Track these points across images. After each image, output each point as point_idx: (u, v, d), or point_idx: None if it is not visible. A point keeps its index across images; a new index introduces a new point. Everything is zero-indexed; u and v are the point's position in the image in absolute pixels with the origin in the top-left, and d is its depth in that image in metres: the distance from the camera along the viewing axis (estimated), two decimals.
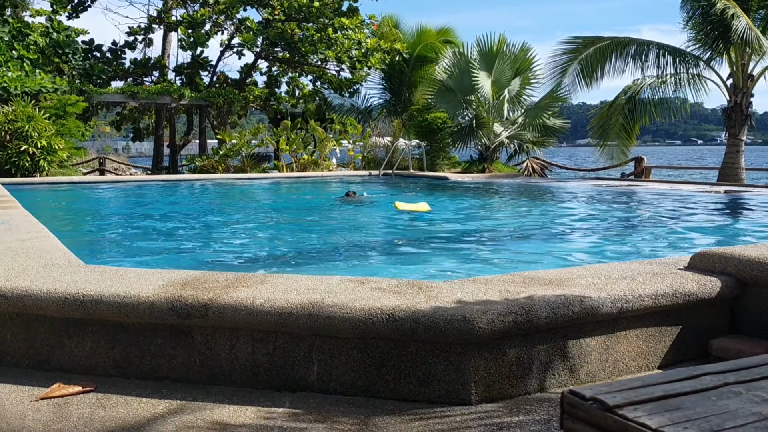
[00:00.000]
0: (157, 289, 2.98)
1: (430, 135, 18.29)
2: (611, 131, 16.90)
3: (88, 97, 17.55)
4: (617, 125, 16.83)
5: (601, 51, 16.29)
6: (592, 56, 16.34)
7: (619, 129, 16.88)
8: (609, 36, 16.62)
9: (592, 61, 16.38)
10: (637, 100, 16.82)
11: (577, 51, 16.45)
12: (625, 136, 17.10)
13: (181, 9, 21.16)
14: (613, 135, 16.98)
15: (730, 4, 13.88)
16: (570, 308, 2.85)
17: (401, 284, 3.09)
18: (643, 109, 16.79)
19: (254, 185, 14.86)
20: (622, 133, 16.92)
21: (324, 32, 19.22)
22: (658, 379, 1.08)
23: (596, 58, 16.34)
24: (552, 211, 10.09)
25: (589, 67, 16.47)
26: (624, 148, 17.24)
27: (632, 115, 16.81)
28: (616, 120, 16.86)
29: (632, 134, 17.22)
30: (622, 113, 16.85)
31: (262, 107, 21.60)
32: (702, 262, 3.48)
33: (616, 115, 16.92)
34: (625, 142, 17.14)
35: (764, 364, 1.14)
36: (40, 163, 14.05)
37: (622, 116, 16.86)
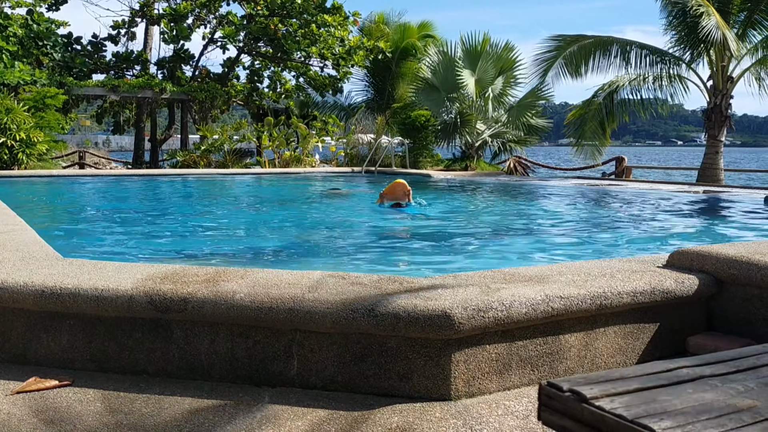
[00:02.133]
0: (135, 282, 2.95)
1: (414, 132, 18.32)
2: (587, 130, 17.01)
3: (68, 89, 17.34)
4: (593, 124, 16.95)
5: (584, 48, 16.39)
6: (575, 53, 16.43)
7: (595, 127, 17.01)
8: (592, 35, 16.73)
9: (576, 58, 16.48)
10: (614, 99, 16.96)
11: (561, 48, 16.53)
12: (600, 134, 17.24)
13: (164, 2, 20.99)
14: (588, 134, 17.10)
15: (703, 3, 14.02)
16: (549, 305, 2.87)
17: (382, 279, 3.08)
18: (621, 108, 16.93)
19: (236, 181, 14.78)
20: (598, 130, 17.04)
21: (307, 28, 19.15)
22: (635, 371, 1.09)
23: (580, 55, 16.43)
24: (533, 210, 10.15)
25: (573, 64, 16.56)
26: (599, 148, 17.38)
27: (609, 113, 16.94)
28: (592, 119, 16.97)
29: (607, 133, 17.36)
30: (599, 112, 16.97)
31: (244, 102, 21.49)
32: (680, 260, 3.52)
33: (593, 113, 17.04)
34: (600, 141, 17.27)
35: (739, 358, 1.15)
36: (19, 156, 13.87)
37: (598, 115, 16.98)
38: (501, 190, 12.96)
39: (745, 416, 0.96)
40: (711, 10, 14.02)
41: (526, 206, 10.61)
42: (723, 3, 15.30)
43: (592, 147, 17.18)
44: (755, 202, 9.76)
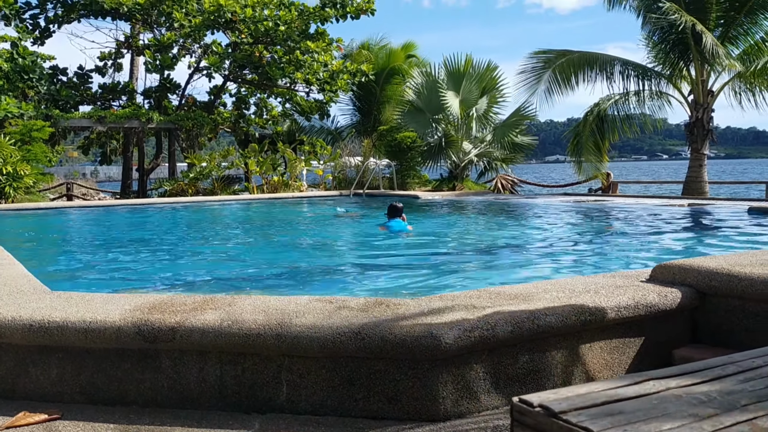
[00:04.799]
0: (123, 313, 2.97)
1: (400, 154, 18.43)
2: (584, 149, 17.19)
3: (55, 122, 17.35)
4: (589, 143, 17.14)
5: (571, 62, 16.58)
6: (563, 66, 16.60)
7: (591, 146, 17.19)
8: (576, 50, 16.95)
9: (564, 71, 16.65)
10: (604, 118, 17.15)
11: (550, 61, 16.71)
12: (596, 152, 17.42)
13: (149, 33, 21.10)
14: (585, 152, 17.28)
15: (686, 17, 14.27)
16: (535, 322, 2.90)
17: (369, 303, 3.11)
18: (611, 126, 17.12)
19: (224, 207, 14.79)
20: (594, 149, 17.23)
21: (292, 55, 19.31)
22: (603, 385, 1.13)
23: (568, 68, 16.59)
24: (520, 227, 10.22)
25: (563, 77, 16.72)
26: (597, 164, 17.57)
27: (600, 132, 17.13)
28: (587, 137, 17.16)
29: (603, 150, 17.55)
30: (591, 130, 17.16)
31: (231, 129, 21.56)
32: (663, 273, 3.57)
33: (587, 132, 17.23)
34: (597, 158, 17.46)
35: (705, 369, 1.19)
36: (6, 190, 13.84)
37: (591, 133, 17.17)
38: (488, 209, 13.04)
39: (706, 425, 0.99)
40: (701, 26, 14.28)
41: (512, 224, 10.68)
42: (700, 20, 15.58)
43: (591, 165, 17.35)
44: (739, 214, 9.87)
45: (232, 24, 19.15)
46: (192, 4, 19.07)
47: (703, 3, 15.57)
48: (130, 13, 19.34)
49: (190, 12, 19.07)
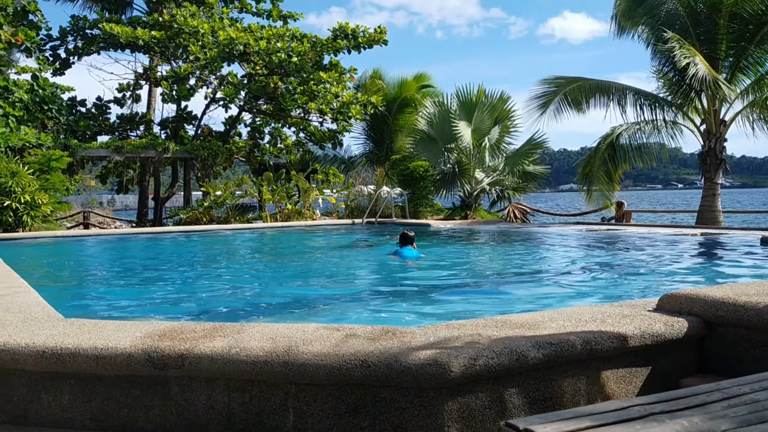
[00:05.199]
0: (134, 340, 3.02)
1: (413, 183, 18.52)
2: (595, 177, 17.20)
3: (73, 151, 17.65)
4: (600, 172, 17.15)
5: (580, 89, 16.66)
6: (573, 92, 16.66)
7: (602, 175, 17.20)
8: (588, 78, 17.04)
9: (574, 97, 16.70)
10: (616, 147, 17.17)
11: (561, 85, 16.79)
12: (608, 181, 17.42)
13: (167, 65, 21.51)
14: (596, 181, 17.28)
15: (689, 53, 14.30)
16: (540, 351, 2.92)
17: (375, 330, 3.15)
18: (623, 156, 17.13)
19: (238, 235, 14.89)
20: (605, 178, 17.23)
21: (306, 85, 19.59)
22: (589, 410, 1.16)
23: (580, 92, 16.65)
24: (530, 256, 10.21)
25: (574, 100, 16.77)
26: (608, 193, 17.54)
27: (613, 161, 17.15)
28: (599, 167, 17.18)
29: (615, 179, 17.54)
30: (603, 160, 17.18)
31: (246, 158, 21.80)
32: (670, 303, 3.58)
33: (599, 161, 17.25)
34: (608, 187, 17.45)
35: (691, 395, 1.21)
36: (24, 218, 14.04)
37: (603, 162, 17.19)
38: (499, 238, 13.04)
39: None
40: (698, 58, 14.31)
41: (523, 253, 10.67)
42: (711, 50, 15.66)
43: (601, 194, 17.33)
44: (751, 244, 9.81)
45: (246, 56, 19.48)
46: (207, 37, 19.43)
47: (713, 34, 15.66)
48: (147, 46, 19.74)
49: (206, 45, 19.43)
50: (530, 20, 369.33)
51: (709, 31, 15.70)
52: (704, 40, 15.76)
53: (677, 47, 14.30)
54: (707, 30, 15.72)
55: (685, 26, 15.84)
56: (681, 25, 15.89)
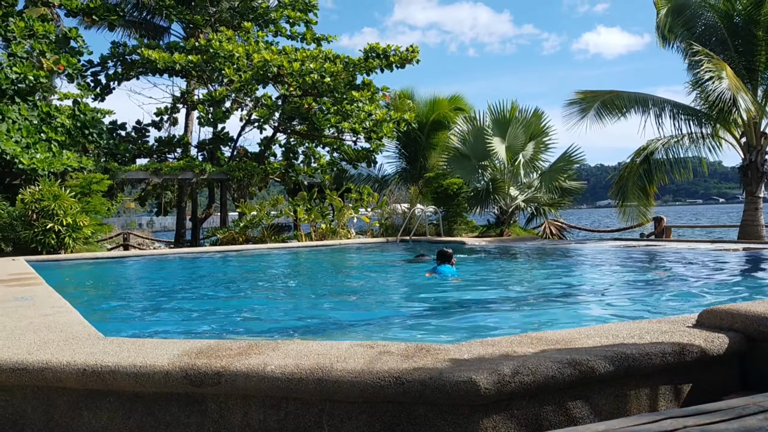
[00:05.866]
0: (172, 358, 3.07)
1: (447, 200, 18.48)
2: (629, 192, 16.96)
3: (113, 174, 18.08)
4: (635, 186, 16.90)
5: (621, 98, 16.49)
6: (610, 100, 16.49)
7: (637, 190, 16.95)
8: (625, 91, 16.86)
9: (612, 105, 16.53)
10: (651, 161, 16.93)
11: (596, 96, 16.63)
12: (643, 196, 17.15)
13: (203, 89, 21.96)
14: (631, 196, 17.03)
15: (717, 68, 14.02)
16: (577, 368, 2.88)
17: (410, 348, 3.14)
18: (659, 169, 16.87)
19: (273, 255, 15.03)
20: (640, 193, 16.97)
21: (339, 105, 19.79)
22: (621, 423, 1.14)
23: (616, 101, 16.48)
24: (567, 272, 10.08)
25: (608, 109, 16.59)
26: (643, 209, 17.27)
27: (648, 175, 16.90)
28: (633, 181, 16.93)
29: (650, 194, 17.27)
30: (638, 174, 16.94)
31: (281, 179, 22.05)
32: (709, 319, 3.50)
33: (633, 176, 17.01)
34: (643, 202, 17.18)
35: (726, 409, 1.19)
36: (66, 241, 14.39)
37: (638, 177, 16.94)
38: (536, 254, 12.91)
39: None
40: (725, 72, 14.04)
41: (560, 269, 10.54)
42: (749, 61, 15.39)
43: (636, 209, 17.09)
44: None
45: (280, 77, 19.78)
46: (242, 60, 19.80)
47: (751, 45, 15.40)
48: (184, 71, 20.19)
49: (241, 68, 19.78)
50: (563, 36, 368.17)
51: (747, 42, 15.44)
52: (743, 52, 15.51)
53: (705, 61, 14.09)
54: (745, 41, 15.46)
55: (723, 38, 15.62)
56: (719, 37, 15.68)
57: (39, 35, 17.82)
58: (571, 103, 16.90)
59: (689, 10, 16.10)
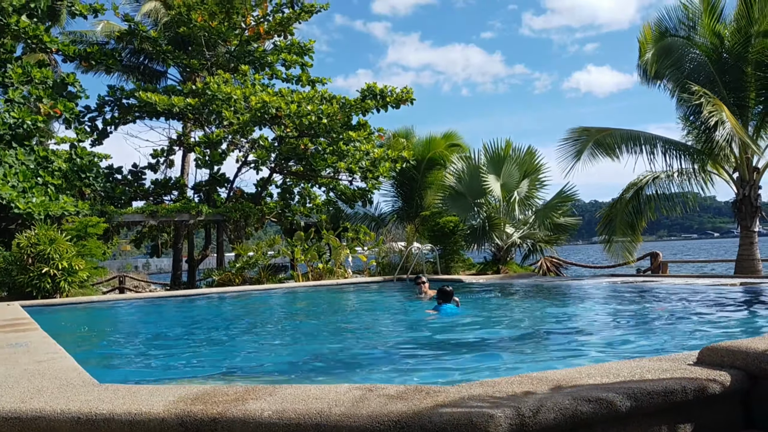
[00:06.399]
0: (167, 405, 3.03)
1: (443, 238, 18.50)
2: (617, 228, 17.06)
3: (109, 217, 18.07)
4: (623, 222, 17.00)
5: (611, 137, 16.66)
6: (603, 139, 16.64)
7: (624, 226, 17.04)
8: (617, 128, 17.04)
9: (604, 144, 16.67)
10: (641, 196, 17.06)
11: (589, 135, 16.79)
12: (630, 232, 17.25)
13: (200, 131, 22.12)
14: (619, 232, 17.13)
15: (716, 109, 14.22)
16: (578, 409, 2.85)
17: (408, 390, 3.11)
18: (649, 205, 16.99)
19: (271, 295, 14.95)
20: (627, 230, 17.06)
21: (336, 145, 19.93)
22: None
23: (608, 140, 16.63)
24: (565, 310, 10.04)
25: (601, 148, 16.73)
26: (630, 245, 17.35)
27: (637, 211, 17.01)
28: (621, 217, 17.04)
29: (638, 230, 17.37)
30: (626, 210, 17.05)
31: (277, 219, 22.06)
32: (710, 356, 3.48)
33: (622, 212, 17.11)
34: (631, 238, 17.28)
35: None
36: (61, 284, 14.30)
37: (626, 213, 17.05)
38: (533, 292, 12.87)
39: None
40: (725, 114, 14.21)
41: (557, 307, 10.50)
42: (739, 98, 15.60)
43: (623, 245, 17.14)
44: None
45: (277, 119, 19.96)
46: (240, 103, 20.00)
47: (741, 82, 15.63)
48: (182, 113, 20.36)
49: (239, 110, 19.98)
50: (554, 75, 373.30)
51: (736, 79, 15.66)
52: (733, 88, 15.73)
53: (705, 103, 14.27)
54: (735, 78, 15.68)
55: (711, 75, 15.84)
56: (707, 74, 15.91)
57: (37, 81, 18.00)
58: (565, 140, 17.08)
59: (676, 50, 16.37)
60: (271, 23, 22.22)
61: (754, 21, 15.16)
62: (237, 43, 22.36)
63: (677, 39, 16.49)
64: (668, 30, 16.73)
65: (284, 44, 22.83)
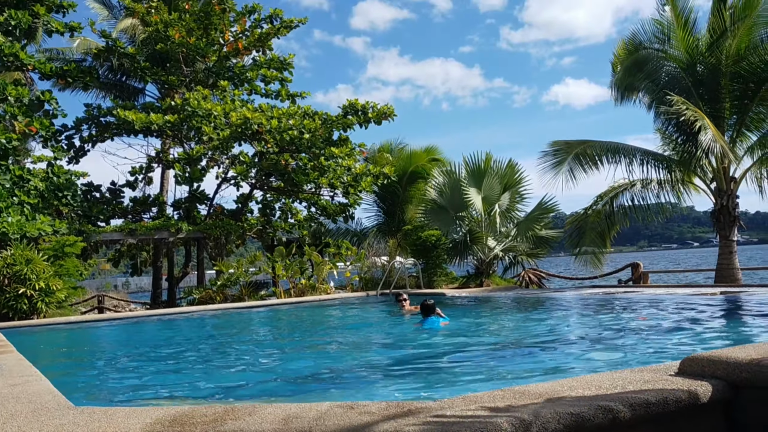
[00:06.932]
0: (144, 427, 2.96)
1: (426, 252, 18.49)
2: (586, 238, 17.25)
3: (87, 236, 17.85)
4: (592, 232, 17.21)
5: (591, 149, 16.84)
6: (583, 152, 16.82)
7: (594, 235, 17.25)
8: (596, 140, 17.22)
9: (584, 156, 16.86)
10: (614, 205, 17.27)
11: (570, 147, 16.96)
12: (599, 242, 17.44)
13: (179, 147, 21.98)
14: (588, 241, 17.31)
15: (698, 116, 14.44)
16: (560, 422, 2.83)
17: (390, 407, 3.07)
18: (622, 214, 17.23)
19: (252, 313, 14.81)
20: (597, 239, 17.26)
21: (316, 161, 19.90)
22: None
23: (588, 153, 16.82)
24: (547, 322, 10.05)
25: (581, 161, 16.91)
26: (598, 255, 17.57)
27: (609, 220, 17.23)
28: (591, 226, 17.24)
29: (608, 239, 17.59)
30: (598, 219, 17.26)
31: (258, 236, 21.93)
32: (691, 367, 3.48)
33: (591, 221, 17.32)
34: (601, 247, 17.51)
35: None
36: (38, 305, 14.07)
37: (597, 222, 17.26)
38: (515, 305, 12.88)
39: None
40: (706, 122, 14.43)
41: (539, 319, 10.51)
42: (715, 109, 15.83)
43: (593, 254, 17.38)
44: None
45: (258, 135, 19.90)
46: (220, 119, 19.92)
47: (716, 93, 15.87)
48: (161, 130, 20.23)
49: (218, 126, 19.89)
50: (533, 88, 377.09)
51: (711, 90, 15.90)
52: (708, 100, 15.96)
53: (684, 108, 14.45)
54: (710, 89, 15.93)
55: (687, 87, 16.07)
56: (682, 86, 16.13)
57: (12, 99, 17.80)
58: (545, 154, 17.23)
59: (651, 63, 16.61)
60: (250, 38, 22.21)
61: (727, 33, 15.42)
62: (215, 59, 22.31)
63: (652, 51, 16.73)
64: (642, 43, 16.96)
65: (264, 59, 22.81)
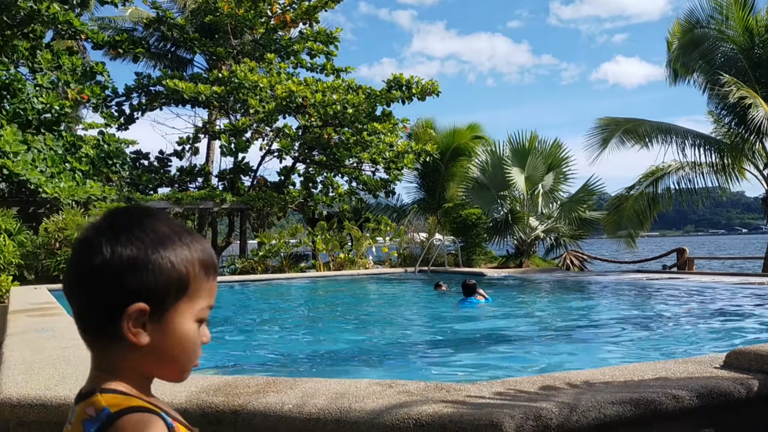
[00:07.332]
0: (189, 395, 3.04)
1: (465, 231, 18.40)
2: (625, 218, 17.03)
3: (135, 204, 18.27)
4: (632, 212, 16.97)
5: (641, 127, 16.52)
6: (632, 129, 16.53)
7: (633, 215, 17.01)
8: (647, 119, 16.86)
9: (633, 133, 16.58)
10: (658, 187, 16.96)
11: (618, 125, 16.69)
12: (638, 223, 17.20)
13: (225, 119, 22.24)
14: (626, 222, 17.06)
15: (749, 94, 13.97)
16: (601, 411, 2.81)
17: (429, 387, 3.09)
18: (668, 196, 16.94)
19: (292, 284, 15.02)
20: (636, 220, 17.03)
21: (359, 136, 19.90)
22: None
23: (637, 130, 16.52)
24: (588, 307, 9.93)
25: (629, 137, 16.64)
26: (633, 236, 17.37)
27: (653, 201, 16.93)
28: (631, 207, 16.99)
29: (646, 222, 17.32)
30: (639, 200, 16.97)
31: (299, 208, 22.14)
32: (738, 360, 3.41)
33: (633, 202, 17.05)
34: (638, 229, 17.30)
35: None
36: None
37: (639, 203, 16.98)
38: (555, 287, 12.76)
39: None
40: (759, 101, 13.96)
41: (580, 303, 10.39)
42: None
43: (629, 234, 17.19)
44: None
45: (302, 108, 19.98)
46: (266, 91, 20.05)
47: None
48: (208, 101, 20.47)
49: (264, 98, 20.03)
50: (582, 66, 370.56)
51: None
52: (765, 83, 15.40)
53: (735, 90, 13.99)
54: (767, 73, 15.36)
55: (743, 69, 15.53)
56: (738, 68, 15.59)
57: (66, 68, 18.20)
58: (594, 129, 16.95)
59: (707, 43, 16.08)
60: (297, 11, 22.20)
61: None
62: (263, 31, 22.39)
63: (709, 31, 16.19)
64: (700, 22, 16.41)
65: (310, 32, 22.79)
